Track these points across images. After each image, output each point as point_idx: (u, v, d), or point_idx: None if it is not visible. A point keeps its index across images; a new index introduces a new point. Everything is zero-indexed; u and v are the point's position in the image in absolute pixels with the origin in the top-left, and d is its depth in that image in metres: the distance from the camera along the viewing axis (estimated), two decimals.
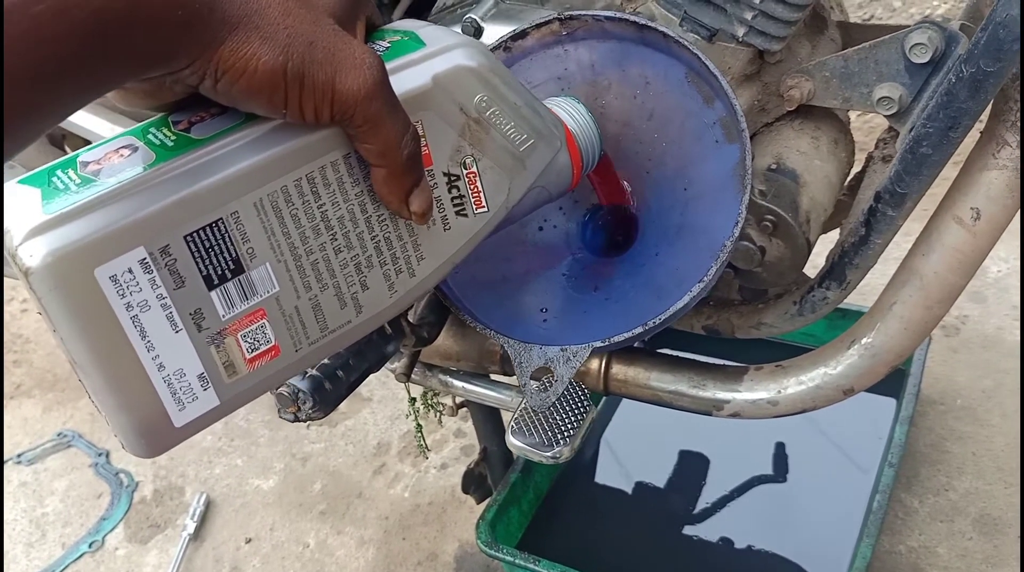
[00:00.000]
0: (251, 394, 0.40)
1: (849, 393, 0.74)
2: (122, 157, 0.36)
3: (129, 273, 0.35)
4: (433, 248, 0.44)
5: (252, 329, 0.39)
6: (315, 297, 0.40)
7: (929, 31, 0.62)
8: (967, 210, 0.63)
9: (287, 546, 1.24)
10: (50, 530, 1.34)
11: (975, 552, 1.05)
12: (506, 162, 0.45)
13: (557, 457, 0.64)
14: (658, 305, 0.54)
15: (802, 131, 0.72)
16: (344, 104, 0.36)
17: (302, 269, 0.39)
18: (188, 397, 0.38)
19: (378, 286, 0.42)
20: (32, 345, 1.75)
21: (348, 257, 0.41)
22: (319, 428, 1.43)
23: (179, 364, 0.37)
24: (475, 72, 0.42)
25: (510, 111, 0.44)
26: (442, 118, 0.42)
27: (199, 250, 0.36)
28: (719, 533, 1.13)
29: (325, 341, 0.41)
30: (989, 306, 1.37)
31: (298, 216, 0.38)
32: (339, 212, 0.40)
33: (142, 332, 0.36)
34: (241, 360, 0.39)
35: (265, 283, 0.38)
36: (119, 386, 0.36)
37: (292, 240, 0.39)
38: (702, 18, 0.64)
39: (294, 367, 0.41)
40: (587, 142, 0.52)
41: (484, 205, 0.45)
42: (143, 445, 0.38)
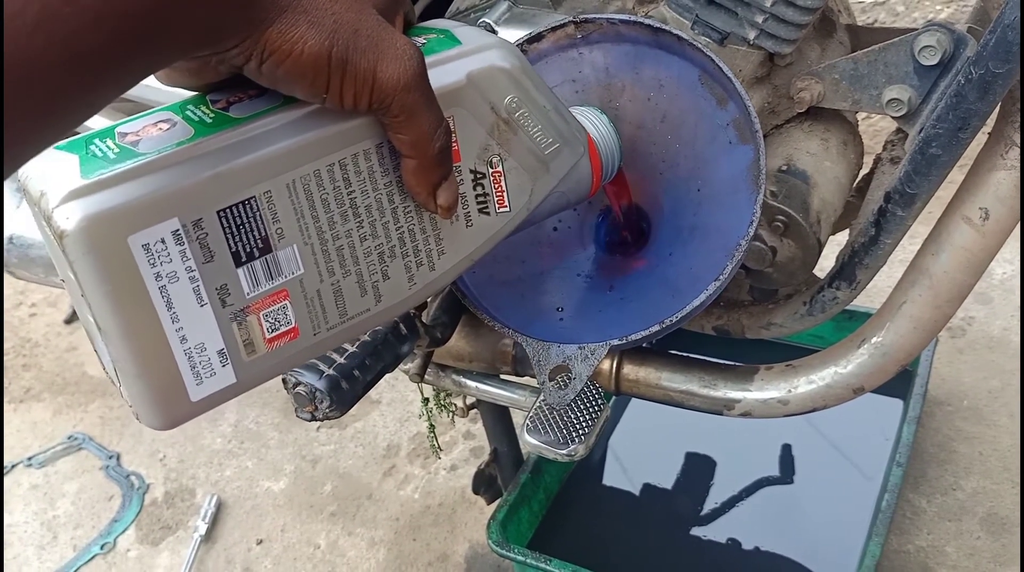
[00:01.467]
0: (266, 375, 0.40)
1: (859, 392, 0.75)
2: (160, 130, 0.37)
3: (161, 243, 0.35)
4: (454, 244, 0.45)
5: (274, 309, 0.39)
6: (337, 282, 0.41)
7: (938, 33, 0.63)
8: (976, 210, 0.64)
9: (298, 547, 1.25)
10: (61, 532, 1.35)
11: (983, 551, 1.06)
12: (531, 164, 0.46)
13: (572, 455, 0.65)
14: (674, 303, 0.55)
15: (812, 133, 0.73)
16: (383, 93, 0.36)
17: (327, 253, 0.40)
18: (207, 372, 0.38)
19: (398, 277, 0.43)
20: (41, 349, 1.76)
21: (372, 245, 0.41)
22: (329, 430, 1.43)
23: (201, 338, 0.38)
24: (508, 73, 0.43)
25: (539, 114, 0.45)
26: (473, 115, 0.43)
27: (230, 226, 0.37)
28: (727, 533, 1.14)
29: (342, 327, 0.42)
30: (995, 307, 1.37)
31: (328, 201, 0.39)
32: (367, 200, 0.40)
33: (168, 303, 0.36)
34: (261, 339, 0.39)
35: (291, 264, 0.39)
36: (141, 354, 0.37)
37: (320, 224, 0.39)
38: (714, 22, 0.65)
39: (310, 351, 0.41)
40: (608, 152, 0.53)
41: (507, 205, 0.46)
42: (157, 415, 0.38)
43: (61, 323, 1.82)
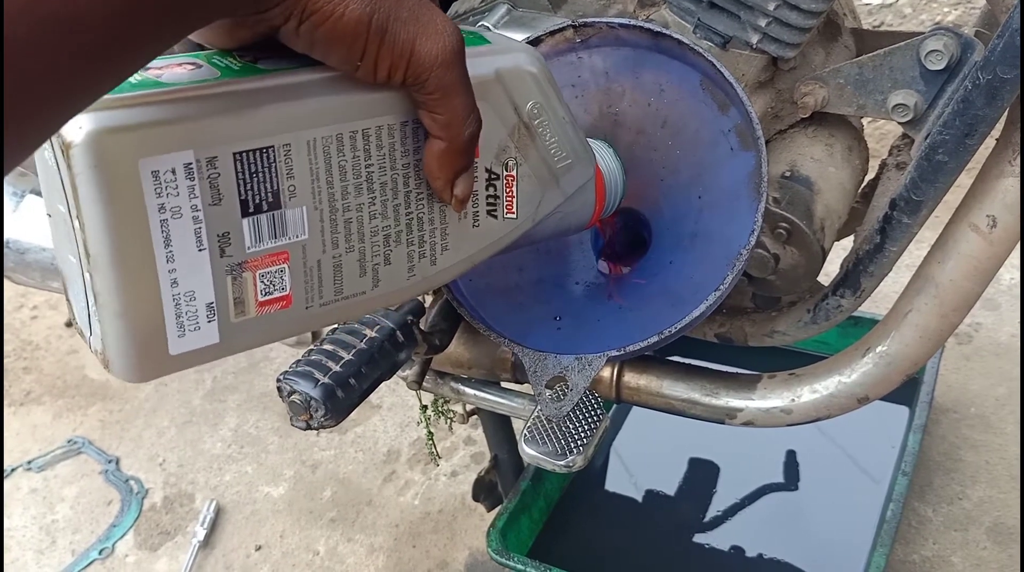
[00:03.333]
0: (248, 342, 0.39)
1: (864, 402, 0.73)
2: (185, 69, 0.36)
3: (171, 174, 0.34)
4: (458, 242, 0.44)
5: (271, 271, 0.38)
6: (339, 256, 0.40)
7: (944, 38, 0.61)
8: (983, 218, 0.62)
9: (297, 553, 1.24)
10: (60, 537, 1.34)
11: (990, 562, 1.05)
12: (543, 174, 0.46)
13: (571, 466, 0.64)
14: (673, 314, 0.54)
15: (816, 138, 0.72)
16: (420, 67, 0.35)
17: (335, 223, 0.39)
18: (191, 324, 0.36)
19: (399, 264, 0.42)
20: (42, 352, 1.76)
21: (380, 225, 0.40)
22: (329, 435, 1.43)
23: (192, 286, 0.36)
24: (535, 78, 0.43)
25: (557, 124, 0.45)
26: (496, 113, 0.42)
27: (244, 171, 0.36)
28: (730, 542, 1.13)
29: (334, 306, 0.41)
30: (1002, 314, 1.36)
31: (345, 168, 0.38)
32: (384, 177, 0.40)
33: (167, 239, 0.35)
34: (252, 300, 0.38)
35: (297, 226, 0.38)
36: (128, 289, 0.35)
37: (333, 190, 0.38)
38: (716, 25, 0.64)
39: (297, 324, 0.40)
40: (612, 185, 0.53)
41: (514, 211, 0.45)
42: (131, 364, 0.36)
43: (62, 326, 1.82)
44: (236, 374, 1.60)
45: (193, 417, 1.52)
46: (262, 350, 1.64)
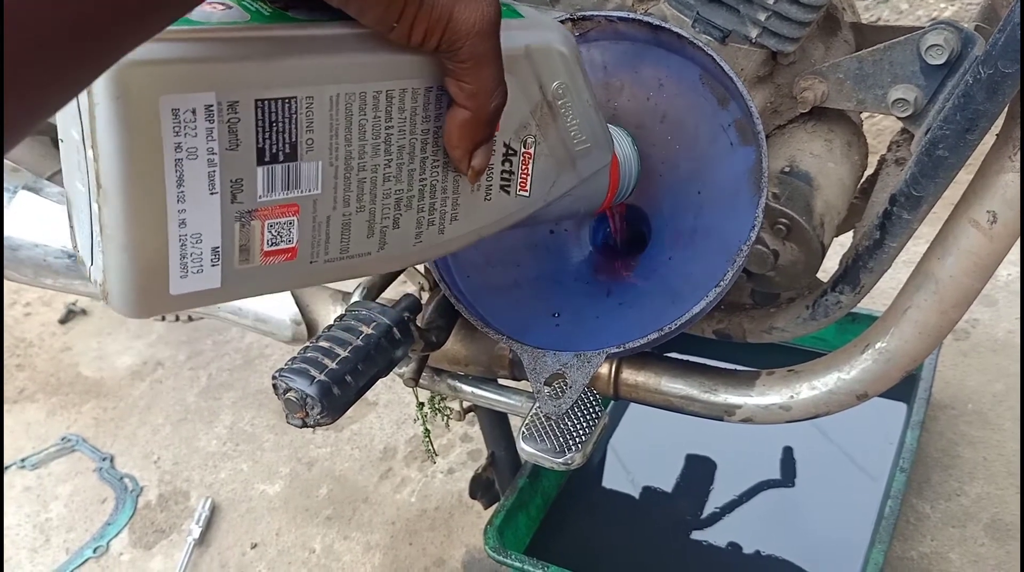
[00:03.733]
0: (249, 291, 0.39)
1: (863, 398, 0.73)
2: (215, 9, 0.35)
3: (192, 114, 0.34)
4: (468, 213, 0.44)
5: (280, 222, 0.38)
6: (349, 215, 0.39)
7: (945, 32, 0.61)
8: (983, 213, 0.62)
9: (293, 551, 1.24)
10: (54, 535, 1.33)
11: (987, 558, 1.04)
12: (560, 155, 0.46)
13: (569, 463, 0.64)
14: (673, 310, 0.53)
15: (815, 133, 0.71)
16: (456, 34, 0.35)
17: (348, 182, 0.39)
18: (195, 266, 0.36)
19: (407, 229, 0.42)
20: (35, 349, 1.75)
21: (393, 188, 0.40)
22: (325, 432, 1.42)
23: (200, 228, 0.36)
24: (564, 58, 0.43)
25: (581, 107, 0.45)
26: (521, 89, 0.42)
27: (264, 119, 0.35)
28: (727, 538, 1.12)
29: (338, 263, 0.40)
30: (1000, 309, 1.36)
31: (365, 127, 0.38)
32: (402, 141, 0.39)
33: (180, 179, 0.34)
34: (258, 249, 0.37)
35: (310, 180, 0.37)
36: (136, 224, 0.34)
37: (351, 148, 0.38)
38: (715, 19, 0.63)
39: (300, 278, 0.40)
40: (627, 173, 0.53)
41: (528, 189, 0.45)
42: (130, 299, 0.36)
43: (56, 323, 1.81)
44: (231, 371, 1.59)
45: (188, 414, 1.51)
46: (258, 347, 1.63)
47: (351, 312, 0.74)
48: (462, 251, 0.61)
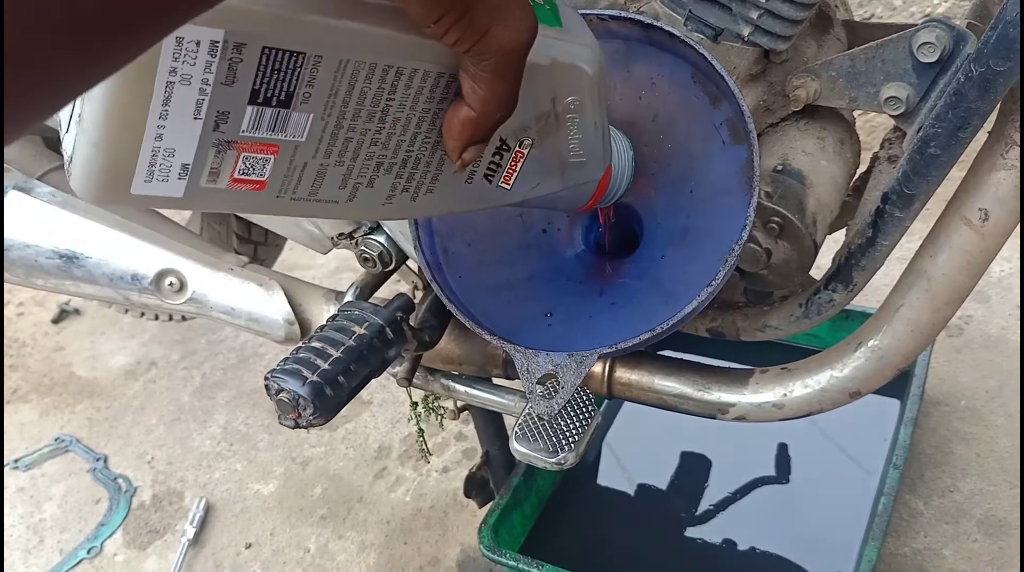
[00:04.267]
0: (210, 206, 0.39)
1: (856, 396, 0.73)
2: None
3: (195, 45, 0.34)
4: (444, 189, 0.44)
5: (257, 157, 0.38)
6: (326, 166, 0.40)
7: (937, 30, 0.61)
8: (975, 211, 0.62)
9: (287, 551, 1.23)
10: (48, 536, 1.33)
11: (981, 554, 1.05)
12: (552, 163, 0.46)
13: (562, 463, 0.63)
14: (665, 309, 0.53)
15: (808, 131, 0.71)
16: (487, 47, 0.35)
17: (335, 138, 0.39)
18: (161, 175, 0.37)
19: (380, 190, 0.42)
20: (28, 349, 1.74)
21: (377, 153, 0.40)
22: (319, 432, 1.42)
23: (175, 145, 0.36)
24: (587, 78, 0.43)
25: (586, 125, 0.45)
26: (533, 96, 0.42)
27: (267, 66, 0.35)
28: (722, 535, 1.13)
29: (304, 204, 0.41)
30: (992, 306, 1.36)
31: (366, 95, 0.38)
32: (399, 114, 0.39)
33: (167, 100, 0.35)
34: (228, 174, 0.38)
35: (297, 128, 0.38)
36: (111, 129, 0.35)
37: (346, 110, 0.38)
38: (707, 17, 0.63)
39: (263, 206, 0.40)
40: (617, 180, 0.53)
41: (510, 184, 0.45)
42: (88, 186, 0.36)
43: (48, 323, 1.80)
44: (225, 370, 1.59)
45: (182, 414, 1.51)
46: (252, 346, 1.63)
47: (344, 312, 0.74)
48: (454, 252, 0.61)
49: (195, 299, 0.91)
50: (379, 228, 0.80)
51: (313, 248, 0.89)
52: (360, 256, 0.82)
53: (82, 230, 0.92)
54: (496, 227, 0.61)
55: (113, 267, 0.92)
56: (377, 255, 0.81)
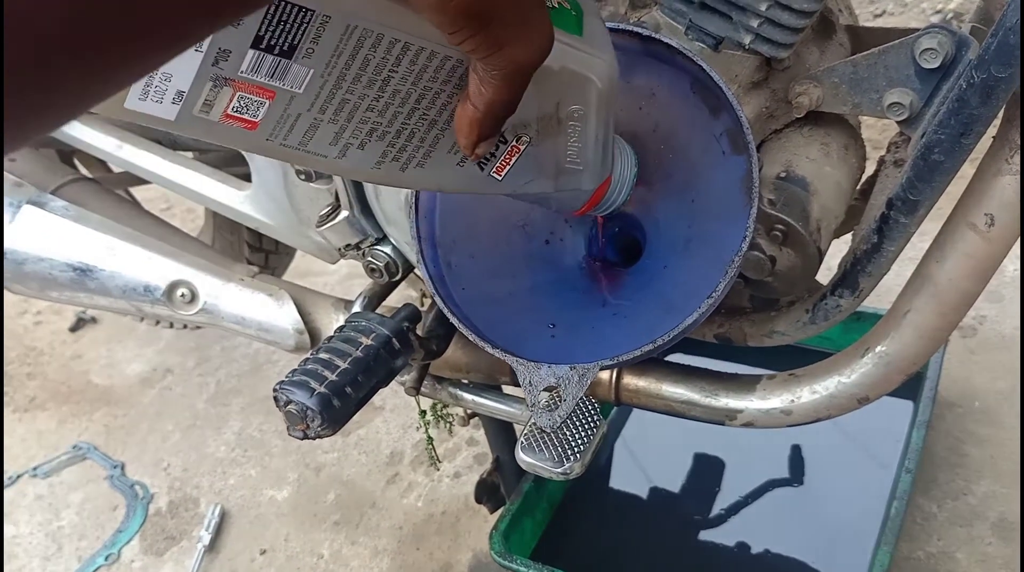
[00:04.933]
0: (199, 134, 0.40)
1: (864, 402, 0.73)
2: None
3: None
4: (435, 167, 0.44)
5: (253, 98, 0.38)
6: (319, 121, 0.40)
7: (939, 36, 0.61)
8: (981, 216, 0.62)
9: (301, 557, 1.24)
10: (66, 543, 1.34)
11: (995, 557, 1.04)
12: (546, 165, 0.46)
13: (568, 473, 0.64)
14: (667, 320, 0.53)
15: (811, 138, 0.71)
16: (499, 60, 0.36)
17: (332, 97, 0.39)
18: (156, 96, 0.37)
19: (370, 154, 0.42)
20: (46, 358, 1.76)
21: (372, 118, 0.41)
22: (332, 438, 1.42)
23: (173, 71, 0.36)
24: (596, 90, 0.43)
25: (587, 136, 0.45)
26: (536, 97, 0.42)
27: (274, 16, 0.36)
28: (735, 539, 1.12)
29: (293, 152, 0.41)
30: (1006, 306, 1.35)
31: (369, 62, 0.38)
32: (400, 87, 0.40)
33: None
34: (221, 109, 0.38)
35: (295, 80, 0.38)
36: None
37: (347, 72, 0.38)
38: (707, 26, 0.63)
39: (251, 146, 0.40)
40: (615, 191, 0.53)
41: (501, 175, 0.45)
42: None
43: (66, 331, 1.82)
44: (240, 377, 1.60)
45: (197, 421, 1.52)
46: (265, 353, 1.64)
47: (351, 323, 0.75)
48: (457, 264, 0.61)
49: (207, 310, 0.92)
50: (385, 239, 0.81)
51: (321, 258, 0.90)
52: (367, 266, 0.83)
53: (95, 243, 0.94)
54: (499, 239, 0.61)
55: (126, 279, 0.93)
56: (384, 266, 0.82)
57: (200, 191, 0.93)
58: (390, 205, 0.76)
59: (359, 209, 0.78)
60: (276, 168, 0.84)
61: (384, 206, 0.77)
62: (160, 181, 0.96)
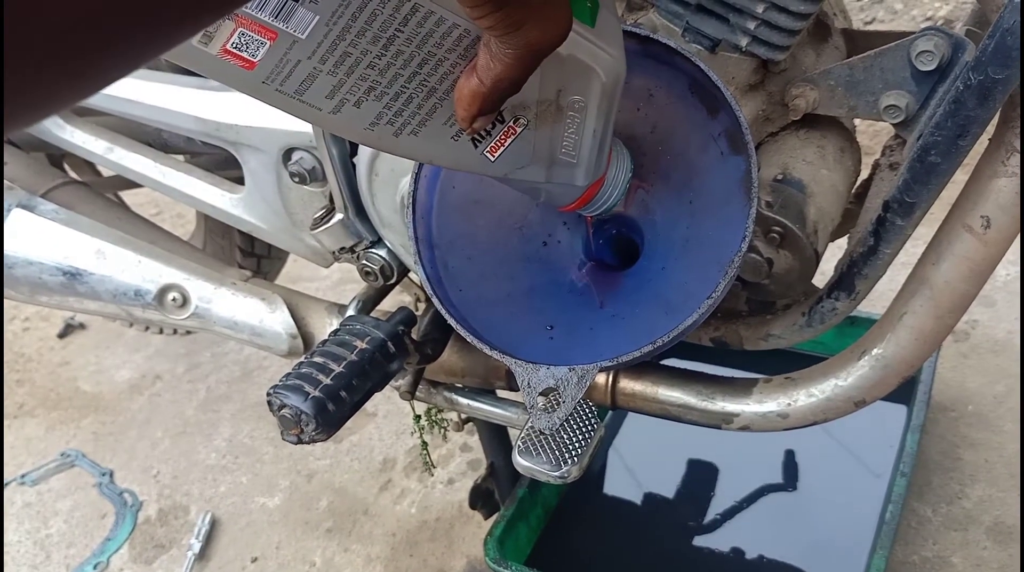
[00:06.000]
0: (196, 66, 0.39)
1: (860, 405, 0.73)
2: None
3: None
4: (429, 137, 0.44)
5: (253, 36, 0.38)
6: (318, 71, 0.39)
7: (935, 38, 0.61)
8: (977, 218, 0.62)
9: (293, 565, 1.23)
10: (54, 551, 1.33)
11: (990, 561, 1.04)
12: (541, 152, 0.46)
13: (565, 477, 0.63)
14: (666, 321, 0.53)
15: (808, 140, 0.71)
16: (515, 39, 0.36)
17: (334, 47, 0.39)
18: None
19: (366, 114, 0.42)
20: (34, 364, 1.74)
21: (371, 75, 0.40)
22: (324, 444, 1.42)
23: None
24: (599, 84, 0.43)
25: (584, 129, 0.45)
26: (540, 80, 0.42)
27: None
28: (730, 544, 1.12)
29: (288, 99, 0.41)
30: (999, 310, 1.35)
31: (376, 17, 0.38)
32: (405, 48, 0.39)
33: None
34: (220, 43, 0.38)
35: (300, 24, 0.38)
36: None
37: (353, 24, 0.38)
38: (704, 28, 0.63)
39: (246, 87, 0.40)
40: (605, 195, 0.53)
41: (494, 156, 0.45)
42: None
43: (54, 337, 1.81)
44: (230, 384, 1.59)
45: (187, 428, 1.51)
46: (256, 359, 1.63)
47: (345, 326, 0.74)
48: (454, 266, 0.61)
49: (198, 314, 0.92)
50: (380, 242, 0.81)
51: (314, 261, 0.89)
52: (362, 270, 0.83)
53: (85, 247, 0.93)
54: (496, 241, 0.61)
55: (116, 283, 0.92)
56: (379, 269, 0.81)
57: (192, 194, 0.92)
58: (385, 208, 0.75)
59: (354, 212, 0.78)
60: (270, 171, 0.83)
61: (379, 209, 0.76)
62: (151, 184, 0.95)
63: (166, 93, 0.87)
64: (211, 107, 0.84)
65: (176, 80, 0.87)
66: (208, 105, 0.84)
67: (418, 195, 0.59)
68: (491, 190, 0.60)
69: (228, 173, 0.95)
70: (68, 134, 0.97)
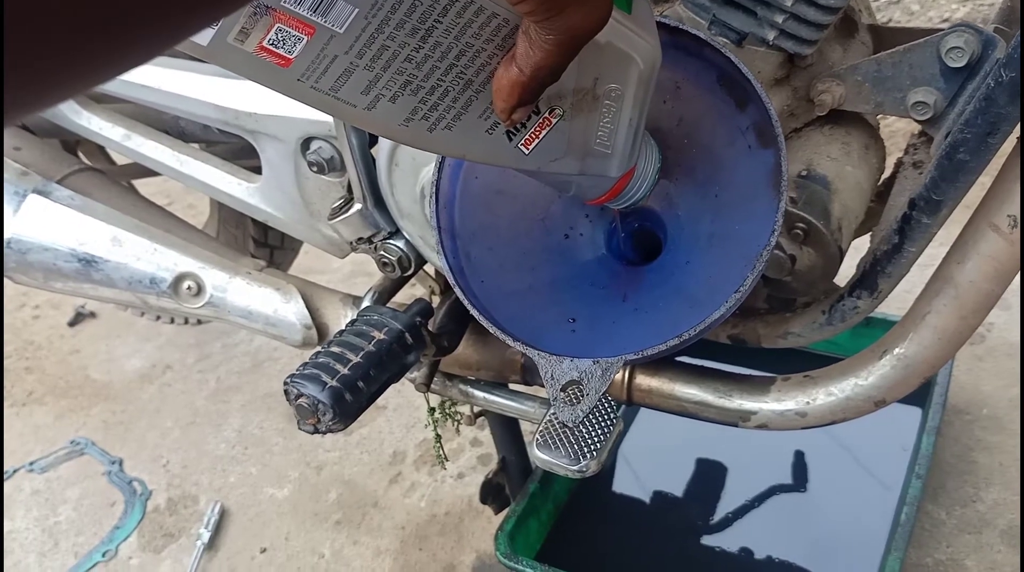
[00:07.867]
0: (231, 64, 0.39)
1: (880, 404, 0.72)
2: None
3: None
4: (464, 131, 0.43)
5: (291, 32, 0.37)
6: (355, 65, 0.39)
7: (966, 34, 0.60)
8: (1004, 218, 0.61)
9: (302, 556, 1.23)
10: (63, 539, 1.33)
11: (1004, 565, 1.03)
12: (576, 143, 0.45)
13: (584, 471, 0.63)
14: (691, 315, 0.53)
15: (832, 136, 0.70)
16: (555, 23, 0.36)
17: (372, 41, 0.38)
18: None
19: (401, 109, 0.41)
20: (44, 352, 1.75)
21: (409, 69, 0.40)
22: (334, 437, 1.41)
23: None
24: (636, 71, 0.42)
25: (621, 118, 0.45)
26: (577, 70, 0.41)
27: None
28: (740, 544, 1.11)
29: (323, 97, 0.40)
30: (1014, 313, 1.34)
31: (415, 9, 0.37)
32: (443, 40, 0.39)
33: None
34: (257, 39, 0.37)
35: (338, 18, 0.37)
36: None
37: (391, 17, 0.38)
38: (731, 22, 0.62)
39: (281, 85, 0.39)
40: (635, 187, 0.52)
41: (529, 149, 0.45)
42: None
43: (64, 326, 1.81)
44: (240, 374, 1.59)
45: (197, 418, 1.51)
46: (267, 350, 1.63)
47: (363, 317, 0.74)
48: (476, 256, 0.60)
49: (213, 303, 0.91)
50: (398, 232, 0.80)
51: (330, 252, 0.89)
52: (379, 261, 0.82)
53: (101, 234, 0.93)
54: (518, 232, 0.60)
55: (132, 271, 0.92)
56: (396, 260, 0.81)
57: (209, 182, 0.92)
58: (405, 198, 0.75)
59: (372, 202, 0.78)
60: (288, 160, 0.83)
61: (398, 199, 0.76)
62: (169, 172, 0.95)
63: (184, 80, 0.87)
64: (230, 95, 0.84)
65: (195, 67, 0.87)
66: (227, 93, 0.84)
67: (441, 184, 0.58)
68: (514, 181, 0.59)
69: (245, 162, 0.95)
70: (85, 120, 0.97)
